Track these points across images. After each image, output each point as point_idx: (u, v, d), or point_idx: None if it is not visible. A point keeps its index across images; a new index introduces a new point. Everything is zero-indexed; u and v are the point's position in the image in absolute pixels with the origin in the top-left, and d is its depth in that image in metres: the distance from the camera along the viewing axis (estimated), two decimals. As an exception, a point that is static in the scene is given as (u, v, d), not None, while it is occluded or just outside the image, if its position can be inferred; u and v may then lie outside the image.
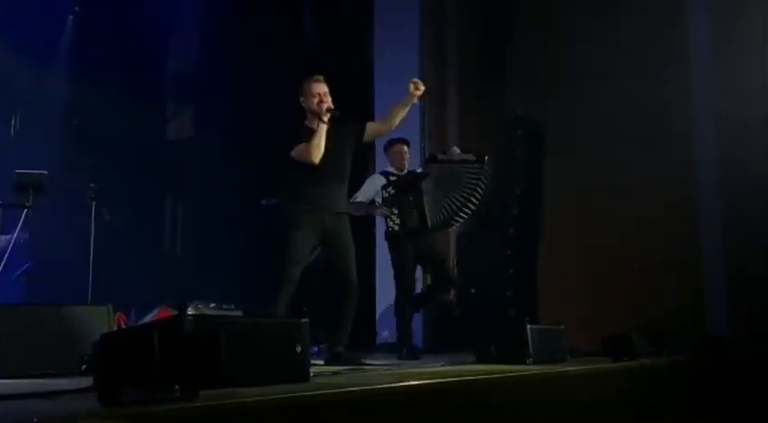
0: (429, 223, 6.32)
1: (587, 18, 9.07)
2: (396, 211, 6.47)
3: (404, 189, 6.47)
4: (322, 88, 5.36)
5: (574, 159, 8.81)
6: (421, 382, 3.47)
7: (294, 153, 5.23)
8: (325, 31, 10.26)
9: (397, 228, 6.45)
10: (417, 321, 7.05)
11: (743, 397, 5.99)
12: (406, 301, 6.37)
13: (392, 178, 6.70)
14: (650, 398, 5.58)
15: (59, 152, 7.00)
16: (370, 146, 7.55)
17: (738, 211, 8.06)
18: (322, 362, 5.28)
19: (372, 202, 6.78)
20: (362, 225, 9.22)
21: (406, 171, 6.86)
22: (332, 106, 5.28)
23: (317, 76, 5.43)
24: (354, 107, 9.75)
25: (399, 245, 6.44)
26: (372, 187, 6.84)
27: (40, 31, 9.01)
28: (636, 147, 8.59)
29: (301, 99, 5.41)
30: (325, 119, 5.22)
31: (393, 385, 3.27)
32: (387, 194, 6.56)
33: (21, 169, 5.69)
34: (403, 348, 6.31)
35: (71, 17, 9.73)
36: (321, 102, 5.29)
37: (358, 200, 6.68)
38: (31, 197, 5.51)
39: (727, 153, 8.37)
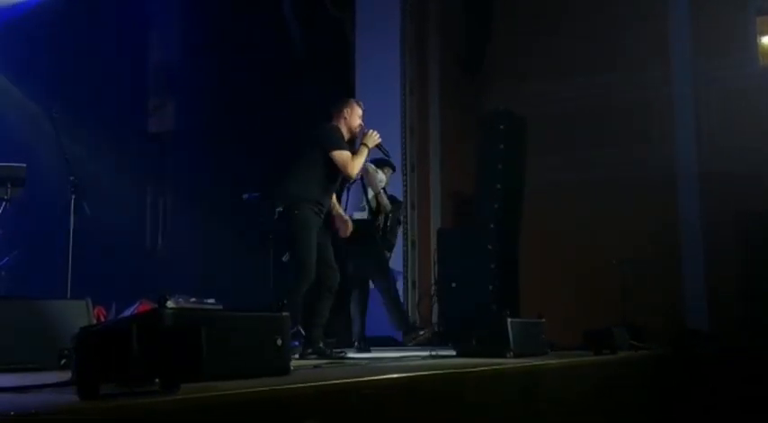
0: None
1: (568, 15, 9.13)
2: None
3: None
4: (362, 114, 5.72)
5: (555, 155, 8.87)
6: (402, 375, 3.48)
7: (338, 158, 5.34)
8: (306, 26, 10.24)
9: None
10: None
11: (722, 390, 6.05)
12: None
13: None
14: (630, 391, 5.63)
15: (39, 145, 6.93)
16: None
17: (718, 207, 8.14)
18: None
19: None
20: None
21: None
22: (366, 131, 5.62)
23: (360, 102, 5.81)
24: (335, 101, 9.81)
25: None
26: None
27: (18, 22, 8.92)
28: (617, 143, 8.66)
29: (347, 110, 5.64)
30: (369, 144, 5.51)
31: (374, 378, 3.27)
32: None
33: (-1, 162, 5.64)
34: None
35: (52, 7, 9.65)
36: (361, 127, 5.65)
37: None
38: (9, 190, 5.46)
39: (707, 150, 8.46)
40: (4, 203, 5.47)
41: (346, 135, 5.58)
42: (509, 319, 5.16)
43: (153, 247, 10.92)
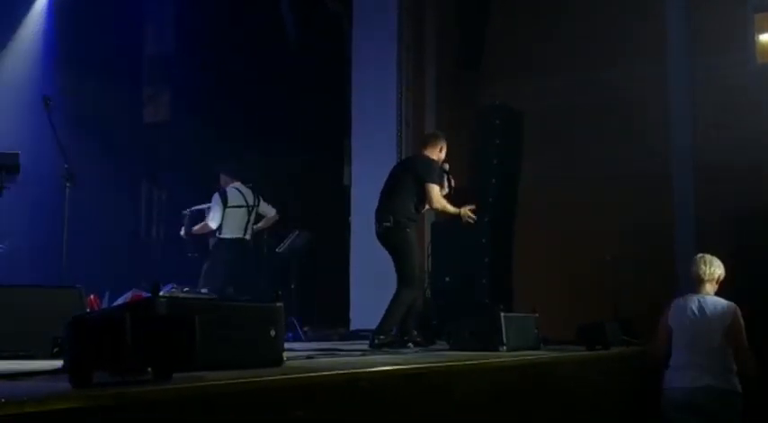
0: None
1: (566, 12, 9.11)
2: None
3: None
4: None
5: (550, 151, 8.86)
6: (394, 367, 3.49)
7: (430, 190, 5.85)
8: (302, 19, 10.22)
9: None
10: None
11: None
12: None
13: None
14: (622, 385, 5.65)
15: (33, 133, 6.91)
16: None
17: (713, 201, 8.15)
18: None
19: None
20: (339, 220, 9.28)
21: None
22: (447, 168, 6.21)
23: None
24: (332, 95, 9.81)
25: None
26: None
27: (15, 12, 8.89)
28: (613, 140, 8.66)
29: (441, 146, 6.12)
30: (462, 214, 6.03)
31: (366, 370, 3.28)
32: None
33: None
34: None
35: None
36: (444, 163, 6.15)
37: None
38: (3, 177, 5.43)
39: (702, 145, 8.46)
40: (-3, 191, 5.43)
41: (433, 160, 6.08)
42: (502, 314, 5.17)
43: (147, 237, 10.91)
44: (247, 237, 7.82)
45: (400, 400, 3.28)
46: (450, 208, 5.98)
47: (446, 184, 6.13)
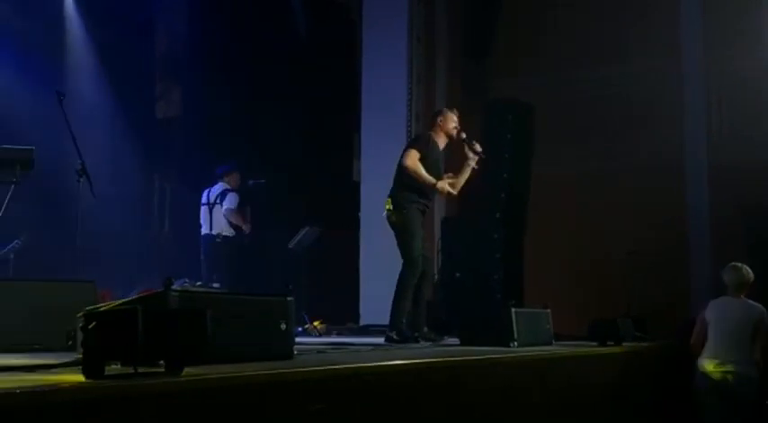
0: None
1: (579, 4, 9.08)
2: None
3: None
4: (457, 120, 6.13)
5: (562, 145, 8.84)
6: (404, 362, 3.49)
7: (405, 153, 5.89)
8: (313, 14, 10.22)
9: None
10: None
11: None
12: None
13: None
14: (634, 381, 5.64)
15: (46, 128, 6.94)
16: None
17: (727, 198, 8.11)
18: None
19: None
20: (348, 216, 9.30)
21: None
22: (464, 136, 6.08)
23: (454, 109, 6.28)
24: (342, 90, 9.81)
25: None
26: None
27: (30, 7, 8.93)
28: (626, 133, 8.63)
29: (440, 118, 6.12)
30: (473, 157, 5.98)
31: (376, 365, 3.29)
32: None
33: (6, 145, 5.62)
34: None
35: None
36: (456, 129, 6.07)
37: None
38: (18, 173, 5.45)
39: (717, 141, 8.43)
40: (12, 186, 5.46)
41: (443, 139, 6.07)
42: (513, 309, 5.16)
43: (159, 232, 10.95)
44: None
45: (410, 395, 3.28)
46: (425, 175, 5.80)
47: (469, 153, 6.01)
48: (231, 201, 8.32)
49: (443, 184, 5.87)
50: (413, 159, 5.81)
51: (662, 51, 8.66)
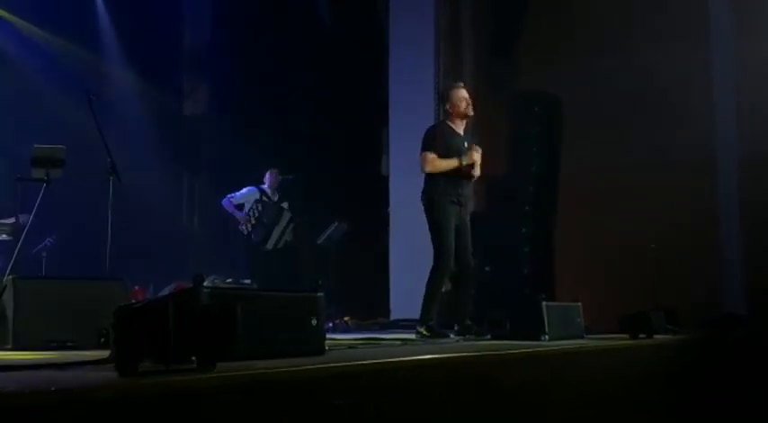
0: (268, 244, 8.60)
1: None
2: (252, 223, 8.59)
3: (267, 214, 8.59)
4: (466, 93, 5.99)
5: (589, 137, 8.74)
6: (435, 356, 3.48)
7: (421, 159, 5.83)
8: (339, 11, 10.22)
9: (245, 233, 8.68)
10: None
11: (759, 374, 5.97)
12: None
13: (265, 199, 8.77)
14: (667, 375, 5.58)
15: (77, 127, 7.01)
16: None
17: (758, 190, 7.99)
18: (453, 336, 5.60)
19: (242, 205, 8.74)
20: (375, 209, 9.29)
21: (276, 197, 8.88)
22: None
23: (459, 83, 6.14)
24: (369, 85, 9.80)
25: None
26: (248, 196, 8.74)
27: (59, 8, 9.02)
28: (655, 125, 8.51)
29: (448, 105, 5.99)
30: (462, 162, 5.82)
31: (406, 359, 3.28)
32: (254, 208, 8.63)
33: (38, 144, 5.68)
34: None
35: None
36: (469, 105, 5.94)
37: (234, 200, 8.73)
38: (49, 172, 5.51)
39: (748, 133, 8.29)
40: (44, 185, 5.52)
41: (460, 122, 5.97)
42: (544, 303, 5.14)
43: (189, 229, 11.03)
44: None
45: (441, 390, 3.27)
46: (445, 164, 5.78)
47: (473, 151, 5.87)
48: (235, 193, 8.50)
49: (467, 158, 5.78)
50: (429, 164, 5.80)
51: (692, 41, 8.53)
